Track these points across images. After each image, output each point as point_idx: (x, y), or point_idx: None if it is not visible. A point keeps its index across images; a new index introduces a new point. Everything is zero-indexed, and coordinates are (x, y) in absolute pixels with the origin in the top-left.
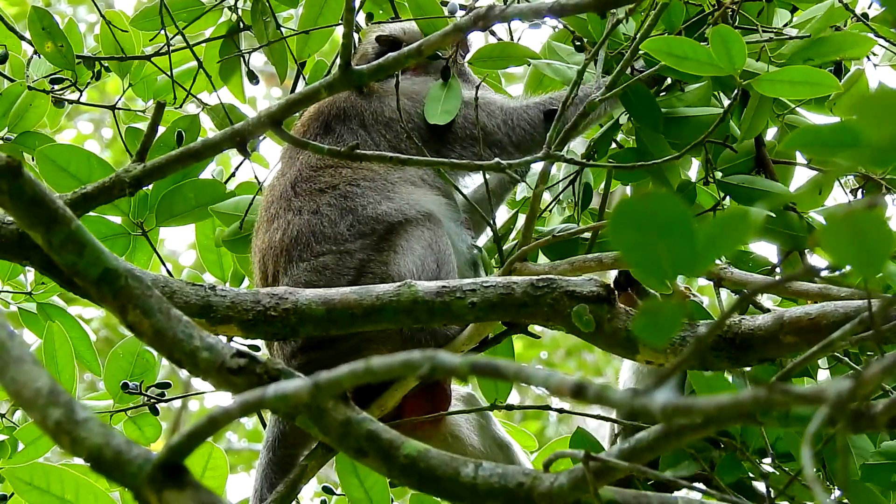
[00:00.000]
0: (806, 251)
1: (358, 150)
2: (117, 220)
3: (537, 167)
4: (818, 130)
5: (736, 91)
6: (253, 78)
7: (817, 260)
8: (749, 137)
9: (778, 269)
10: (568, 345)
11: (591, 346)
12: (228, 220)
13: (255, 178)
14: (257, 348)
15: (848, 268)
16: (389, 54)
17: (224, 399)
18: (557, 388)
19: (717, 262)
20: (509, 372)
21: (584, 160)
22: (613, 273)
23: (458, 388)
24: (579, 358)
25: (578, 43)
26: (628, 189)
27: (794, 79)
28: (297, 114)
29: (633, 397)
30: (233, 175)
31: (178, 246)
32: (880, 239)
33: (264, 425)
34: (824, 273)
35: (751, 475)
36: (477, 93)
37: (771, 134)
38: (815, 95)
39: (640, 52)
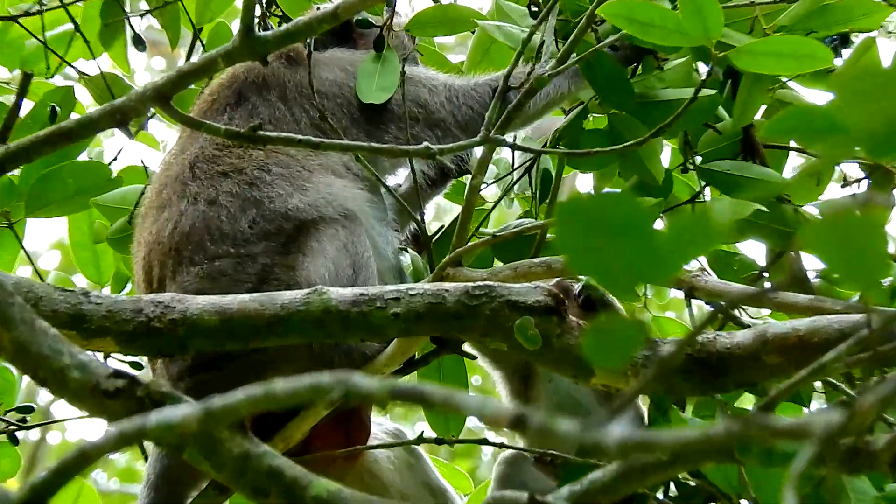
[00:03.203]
0: (800, 253)
1: (261, 132)
2: None
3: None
4: (807, 112)
5: (711, 66)
6: (139, 43)
7: (812, 263)
8: (742, 123)
9: (765, 274)
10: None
11: None
12: (113, 215)
13: (143, 163)
14: (140, 367)
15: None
16: (299, 18)
17: (96, 428)
18: (494, 417)
19: (689, 267)
20: (436, 398)
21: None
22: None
23: (384, 422)
24: None
25: (536, 8)
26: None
27: (780, 51)
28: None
29: (584, 430)
30: (115, 159)
31: (40, 246)
32: (870, 243)
33: (146, 459)
34: (815, 281)
35: None
36: (404, 64)
37: (760, 111)
38: (803, 70)
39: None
